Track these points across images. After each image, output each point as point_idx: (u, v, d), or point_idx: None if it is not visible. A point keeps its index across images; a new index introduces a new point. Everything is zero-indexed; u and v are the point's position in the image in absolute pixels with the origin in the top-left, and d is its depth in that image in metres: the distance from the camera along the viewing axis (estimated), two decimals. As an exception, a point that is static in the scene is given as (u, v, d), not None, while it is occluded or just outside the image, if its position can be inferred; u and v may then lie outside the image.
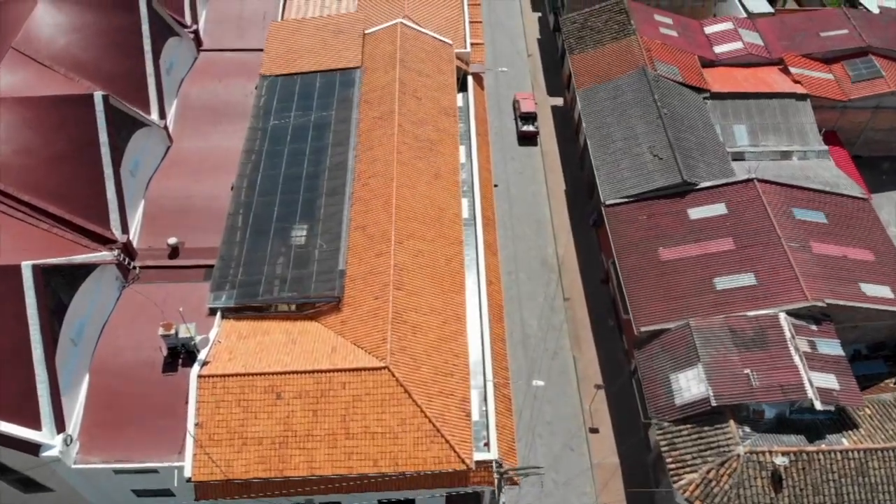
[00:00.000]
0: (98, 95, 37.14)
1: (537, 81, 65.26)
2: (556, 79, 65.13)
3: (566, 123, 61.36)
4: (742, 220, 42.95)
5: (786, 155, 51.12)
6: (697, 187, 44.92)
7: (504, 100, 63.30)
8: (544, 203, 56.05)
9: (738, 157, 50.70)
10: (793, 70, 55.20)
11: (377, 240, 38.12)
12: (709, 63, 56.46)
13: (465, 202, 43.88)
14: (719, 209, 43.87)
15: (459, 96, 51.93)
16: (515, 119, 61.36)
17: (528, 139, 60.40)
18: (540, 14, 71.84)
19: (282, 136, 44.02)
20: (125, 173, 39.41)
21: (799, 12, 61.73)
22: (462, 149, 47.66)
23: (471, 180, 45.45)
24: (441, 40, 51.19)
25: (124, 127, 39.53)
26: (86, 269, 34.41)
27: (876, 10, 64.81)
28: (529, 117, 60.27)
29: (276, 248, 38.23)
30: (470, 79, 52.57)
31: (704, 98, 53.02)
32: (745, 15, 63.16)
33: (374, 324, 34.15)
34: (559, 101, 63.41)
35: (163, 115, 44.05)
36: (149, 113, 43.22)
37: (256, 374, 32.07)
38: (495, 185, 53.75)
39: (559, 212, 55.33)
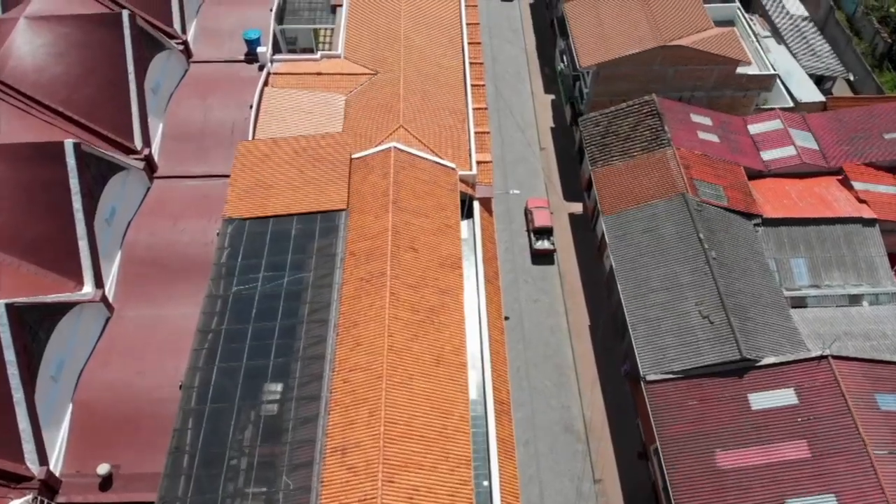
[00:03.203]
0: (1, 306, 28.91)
1: (552, 181, 56.75)
2: (574, 177, 56.70)
3: (587, 235, 52.84)
4: (816, 414, 34.59)
5: (855, 299, 42.68)
6: (759, 364, 36.56)
7: (514, 205, 54.86)
8: (565, 341, 47.63)
9: (799, 302, 42.32)
10: (856, 185, 46.80)
11: (360, 475, 29.73)
12: (756, 174, 48.09)
13: (470, 373, 35.74)
14: (788, 397, 35.49)
15: (464, 224, 43.77)
16: (528, 232, 52.85)
17: (543, 256, 51.94)
18: (553, 96, 63.22)
19: (246, 310, 35.71)
20: (44, 381, 31.23)
21: (856, 106, 53.16)
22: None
23: (480, 354, 37.35)
24: (442, 164, 42.88)
25: (42, 325, 31.29)
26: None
27: (942, 98, 56.44)
28: (544, 231, 51.76)
29: (229, 488, 29.90)
30: (476, 204, 44.31)
31: (755, 225, 44.64)
32: (791, 104, 54.84)
33: None
34: (578, 207, 54.86)
35: (99, 283, 35.79)
36: (81, 285, 35.06)
37: None
38: (506, 318, 45.55)
39: (584, 354, 46.88)
